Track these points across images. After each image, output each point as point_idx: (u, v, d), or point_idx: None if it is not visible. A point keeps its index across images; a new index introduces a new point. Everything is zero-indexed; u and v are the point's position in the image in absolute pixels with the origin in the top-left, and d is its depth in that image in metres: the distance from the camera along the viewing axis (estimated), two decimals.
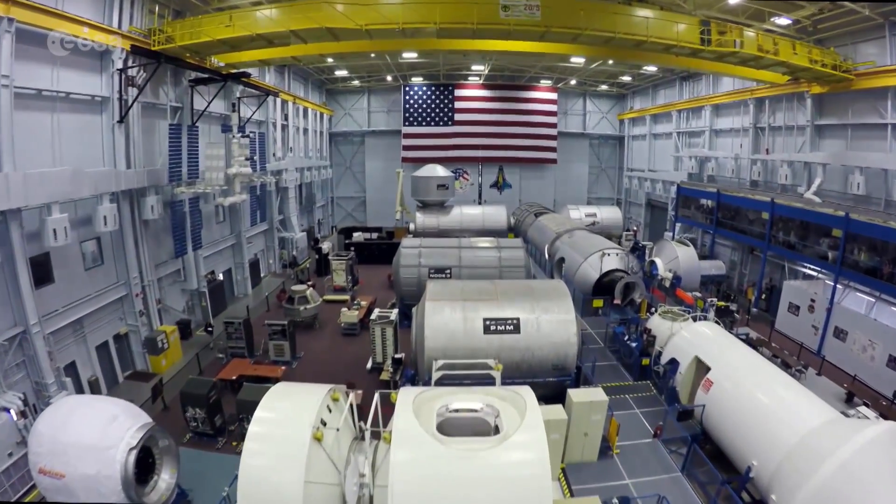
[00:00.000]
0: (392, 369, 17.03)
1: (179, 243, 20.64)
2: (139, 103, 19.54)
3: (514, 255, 22.23)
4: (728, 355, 13.66)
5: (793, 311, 24.00)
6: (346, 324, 21.84)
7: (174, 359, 21.04)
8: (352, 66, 38.44)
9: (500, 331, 13.61)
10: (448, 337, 13.51)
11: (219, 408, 15.62)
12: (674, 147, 39.27)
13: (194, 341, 23.04)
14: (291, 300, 22.37)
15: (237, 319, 19.94)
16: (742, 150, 31.91)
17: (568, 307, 14.33)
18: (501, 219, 36.92)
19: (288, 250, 33.72)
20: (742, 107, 31.99)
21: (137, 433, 11.19)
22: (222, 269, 27.55)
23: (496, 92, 45.46)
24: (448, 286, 15.05)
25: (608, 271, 20.88)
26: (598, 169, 50.69)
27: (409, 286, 21.95)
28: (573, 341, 13.93)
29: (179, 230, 20.52)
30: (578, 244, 23.52)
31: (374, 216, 47.42)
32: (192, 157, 20.63)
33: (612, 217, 38.64)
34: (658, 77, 39.83)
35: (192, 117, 22.67)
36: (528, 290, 14.97)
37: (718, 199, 29.95)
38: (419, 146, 45.49)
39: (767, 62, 22.30)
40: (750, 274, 30.57)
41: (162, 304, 21.90)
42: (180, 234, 20.58)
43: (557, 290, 15.12)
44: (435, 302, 14.08)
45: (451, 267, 21.74)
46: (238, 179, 21.52)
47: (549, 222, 30.27)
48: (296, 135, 36.60)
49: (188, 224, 21.19)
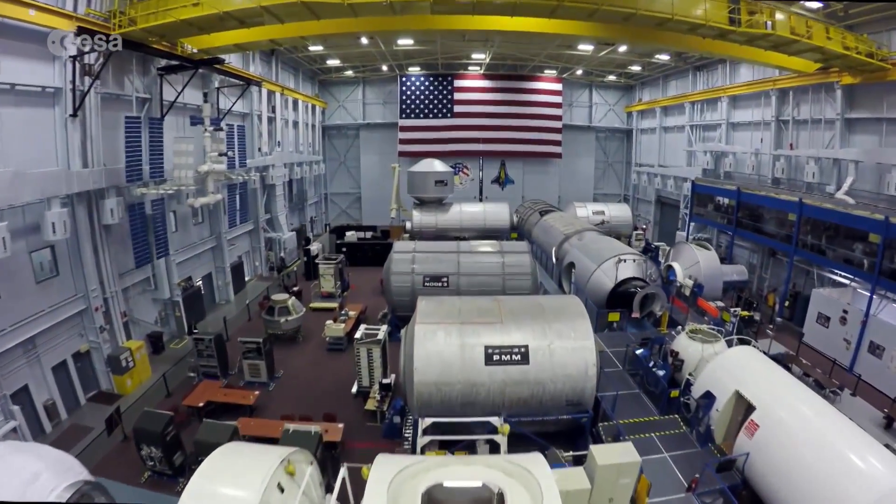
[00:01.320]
0: (379, 396, 14.93)
1: (141, 251, 18.48)
2: (98, 94, 17.38)
3: (520, 260, 20.05)
4: (776, 392, 11.52)
5: (822, 323, 21.88)
6: (332, 338, 19.69)
7: (142, 377, 19.06)
8: (344, 55, 36.08)
9: (506, 361, 11.46)
10: (442, 368, 11.38)
11: (178, 445, 13.54)
12: (686, 141, 36.96)
13: (167, 356, 21.05)
14: (271, 311, 20.21)
15: (207, 336, 17.80)
16: (763, 144, 29.65)
17: (586, 331, 12.17)
18: (504, 217, 34.74)
19: (275, 252, 31.53)
20: (763, 98, 29.66)
21: (64, 493, 9.08)
22: (201, 274, 25.42)
23: (498, 82, 43.10)
24: (443, 305, 12.93)
25: (624, 280, 18.69)
26: (605, 164, 48.37)
27: (401, 296, 19.79)
28: (592, 373, 11.80)
29: (141, 236, 18.39)
30: (590, 248, 21.27)
31: (369, 214, 45.22)
32: (157, 153, 18.42)
33: (621, 215, 36.38)
34: (670, 66, 37.45)
35: (161, 109, 20.47)
36: (538, 309, 12.78)
37: (739, 198, 27.68)
38: (416, 139, 43.23)
39: (802, 47, 20.09)
40: (771, 278, 28.46)
41: (128, 316, 19.82)
42: (142, 241, 18.46)
43: (572, 308, 12.93)
44: (426, 325, 11.91)
45: (448, 275, 19.57)
46: (212, 177, 19.30)
47: (555, 222, 28.01)
48: (284, 128, 34.31)
49: (151, 229, 18.99)
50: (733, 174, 32.15)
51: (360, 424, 14.86)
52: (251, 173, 28.15)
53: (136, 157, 17.45)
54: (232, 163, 23.89)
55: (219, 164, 19.14)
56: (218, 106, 24.42)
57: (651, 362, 14.27)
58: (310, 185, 41.59)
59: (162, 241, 19.56)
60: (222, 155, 19.18)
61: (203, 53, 20.73)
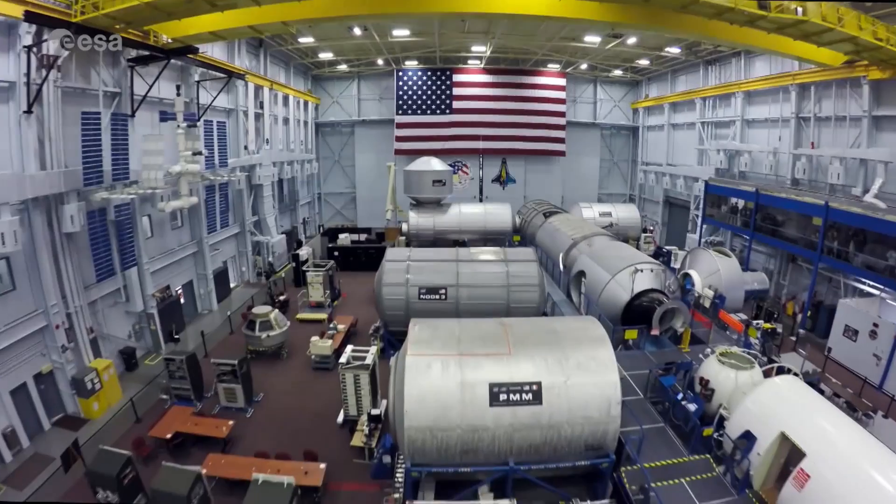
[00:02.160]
0: (368, 430, 13.16)
1: (101, 262, 16.66)
2: (60, 89, 15.63)
3: (526, 270, 18.24)
4: (829, 438, 9.80)
5: (849, 336, 20.14)
6: (318, 356, 17.89)
7: (112, 399, 17.33)
8: (337, 48, 34.15)
9: (514, 401, 9.68)
10: (438, 411, 9.60)
11: (137, 488, 11.81)
12: (697, 139, 35.16)
13: (140, 374, 19.30)
14: (252, 325, 18.41)
15: (178, 356, 16.03)
16: (781, 143, 27.88)
17: (608, 362, 10.40)
18: (506, 219, 32.91)
19: (263, 256, 29.71)
20: (781, 93, 27.87)
21: None
22: (181, 282, 23.65)
23: (499, 77, 41.18)
24: (439, 330, 11.10)
25: (641, 292, 16.92)
26: (610, 162, 46.53)
27: (394, 310, 18.00)
28: (616, 412, 10.03)
29: (102, 246, 16.57)
30: (602, 255, 19.42)
31: (365, 215, 43.36)
32: (122, 152, 16.59)
33: (629, 216, 34.53)
34: (679, 61, 35.60)
35: (132, 105, 18.66)
36: (552, 335, 11.00)
37: (757, 200, 25.91)
38: (414, 137, 41.35)
39: (834, 37, 18.33)
40: (789, 286, 26.76)
41: (97, 332, 18.07)
42: (104, 251, 16.64)
43: (592, 334, 11.13)
44: (419, 356, 10.12)
45: (446, 287, 17.76)
46: (185, 179, 17.47)
47: (562, 225, 26.15)
48: (274, 125, 32.45)
49: (114, 237, 17.20)
50: (748, 174, 30.38)
51: (345, 462, 13.11)
52: (236, 173, 26.32)
53: (95, 158, 15.60)
54: (211, 162, 22.09)
55: (193, 165, 17.29)
56: (198, 101, 22.60)
57: (679, 393, 12.51)
58: (302, 185, 39.74)
59: (129, 249, 17.72)
60: (197, 154, 17.31)
61: (178, 43, 18.87)
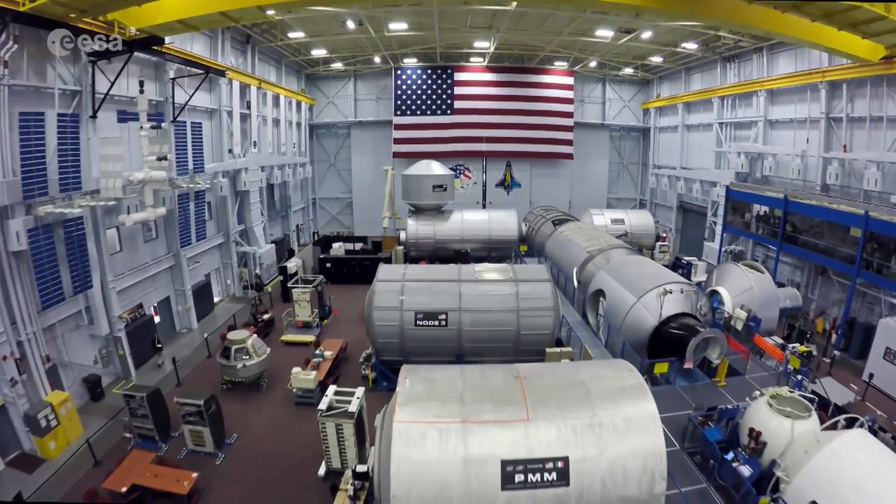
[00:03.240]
0: (352, 490, 11.00)
1: (46, 286, 14.52)
2: (5, 87, 13.58)
3: (538, 291, 16.00)
4: None
5: (890, 359, 18.10)
6: (300, 390, 15.71)
7: (71, 436, 15.31)
8: (330, 43, 32.06)
9: (534, 483, 7.47)
10: (435, 495, 7.41)
11: None
12: (715, 140, 33.00)
13: (106, 405, 17.24)
14: (227, 353, 16.25)
15: (139, 393, 13.93)
16: (809, 145, 25.72)
17: (650, 424, 8.21)
18: (511, 227, 30.79)
19: (250, 268, 27.57)
20: (809, 92, 25.74)
21: None
22: (157, 299, 21.57)
23: (503, 75, 39.00)
24: (436, 384, 8.76)
25: (670, 316, 14.77)
26: (619, 165, 44.34)
27: (386, 338, 15.82)
28: (660, 490, 7.86)
29: (46, 266, 14.40)
30: (623, 272, 17.18)
31: (362, 221, 41.21)
32: (72, 158, 14.49)
33: (642, 224, 32.37)
34: (695, 57, 33.43)
35: (93, 105, 16.59)
36: (580, 389, 8.74)
37: (786, 208, 23.74)
38: (413, 139, 39.22)
39: (888, 27, 16.20)
40: (818, 300, 24.59)
41: (55, 360, 16.00)
42: (50, 273, 14.48)
43: (626, 384, 8.90)
44: (411, 424, 7.95)
45: (446, 311, 15.56)
46: (149, 187, 15.36)
47: (574, 235, 23.91)
48: (262, 126, 30.35)
49: (63, 255, 15.10)
50: (772, 179, 28.22)
51: None
52: (218, 178, 24.22)
53: (37, 166, 13.50)
54: (185, 168, 19.98)
55: (158, 171, 15.17)
56: (173, 100, 20.52)
57: (729, 453, 10.34)
58: (295, 190, 37.60)
59: (80, 270, 15.57)
60: (162, 159, 15.19)
61: (145, 34, 16.78)
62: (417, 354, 15.54)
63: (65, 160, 14.23)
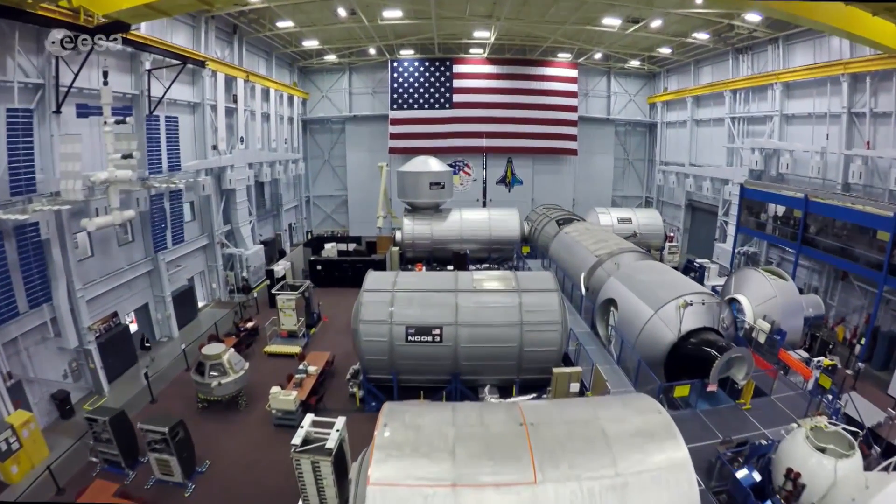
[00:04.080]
0: None
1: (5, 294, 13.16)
2: None
3: (544, 303, 14.53)
4: None
5: None
6: (279, 411, 14.30)
7: (36, 459, 14.13)
8: (322, 34, 30.49)
9: None
10: None
11: None
12: (727, 136, 31.44)
13: (77, 422, 15.91)
14: (201, 369, 14.85)
15: (101, 417, 12.58)
16: (829, 141, 24.19)
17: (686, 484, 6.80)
18: (513, 226, 29.37)
19: (236, 271, 26.15)
20: (829, 85, 24.18)
21: None
22: (134, 306, 20.20)
23: (504, 68, 37.39)
24: (422, 431, 7.21)
25: (691, 330, 13.35)
26: (625, 161, 42.76)
27: (375, 355, 14.39)
28: None
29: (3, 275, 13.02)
30: (637, 280, 15.66)
31: (357, 220, 39.78)
32: (24, 158, 13.05)
33: (651, 223, 30.89)
34: (705, 49, 31.85)
35: (57, 98, 15.14)
36: (599, 438, 7.21)
37: (806, 208, 22.28)
38: (410, 134, 37.72)
39: None
40: (838, 306, 23.19)
41: (19, 377, 14.72)
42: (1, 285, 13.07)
43: (652, 426, 7.47)
44: (387, 487, 6.43)
45: (441, 325, 14.13)
46: (114, 188, 13.91)
47: (581, 237, 22.37)
48: (251, 121, 28.85)
49: (15, 265, 13.69)
50: (789, 177, 26.71)
51: None
52: (201, 176, 22.75)
53: None
54: (159, 166, 18.54)
55: (124, 171, 13.72)
56: (149, 93, 19.05)
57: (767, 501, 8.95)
58: (287, 188, 36.14)
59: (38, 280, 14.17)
60: (128, 157, 13.74)
61: (111, 20, 15.27)
62: (409, 373, 14.19)
63: (16, 160, 12.77)
